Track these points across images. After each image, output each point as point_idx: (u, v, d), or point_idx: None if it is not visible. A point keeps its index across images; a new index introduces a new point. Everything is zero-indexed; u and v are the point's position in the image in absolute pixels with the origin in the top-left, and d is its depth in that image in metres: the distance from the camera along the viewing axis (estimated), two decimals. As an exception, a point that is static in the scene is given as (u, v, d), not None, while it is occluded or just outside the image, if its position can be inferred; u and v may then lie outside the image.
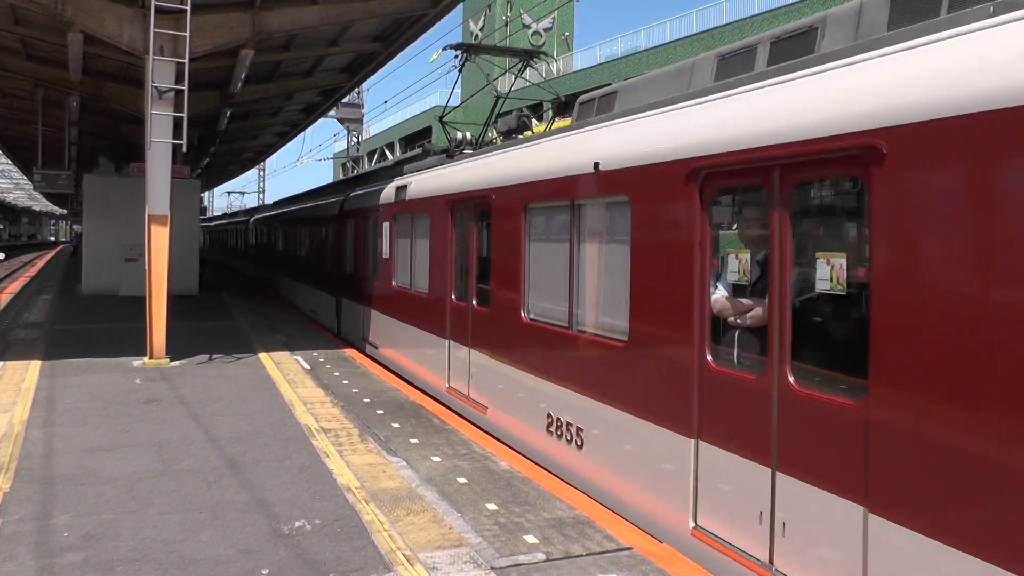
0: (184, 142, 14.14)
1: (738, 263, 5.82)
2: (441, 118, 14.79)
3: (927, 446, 4.24)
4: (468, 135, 14.07)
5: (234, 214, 60.08)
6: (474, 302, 10.53)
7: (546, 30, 60.46)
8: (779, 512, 5.21)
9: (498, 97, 15.21)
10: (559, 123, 14.39)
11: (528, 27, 59.14)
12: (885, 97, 4.58)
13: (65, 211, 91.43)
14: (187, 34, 13.57)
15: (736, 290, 5.97)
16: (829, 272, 4.92)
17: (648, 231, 6.71)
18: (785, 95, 5.47)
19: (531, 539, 6.14)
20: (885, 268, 4.51)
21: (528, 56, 15.75)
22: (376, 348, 15.60)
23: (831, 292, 4.93)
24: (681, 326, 6.16)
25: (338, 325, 19.28)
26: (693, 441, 6.02)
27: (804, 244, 5.40)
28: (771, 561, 5.27)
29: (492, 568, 5.57)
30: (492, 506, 6.89)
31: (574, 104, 9.60)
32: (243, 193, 62.29)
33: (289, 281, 27.02)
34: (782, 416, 5.22)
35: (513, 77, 14.88)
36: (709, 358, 5.93)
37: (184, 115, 13.83)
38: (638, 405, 6.75)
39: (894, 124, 4.45)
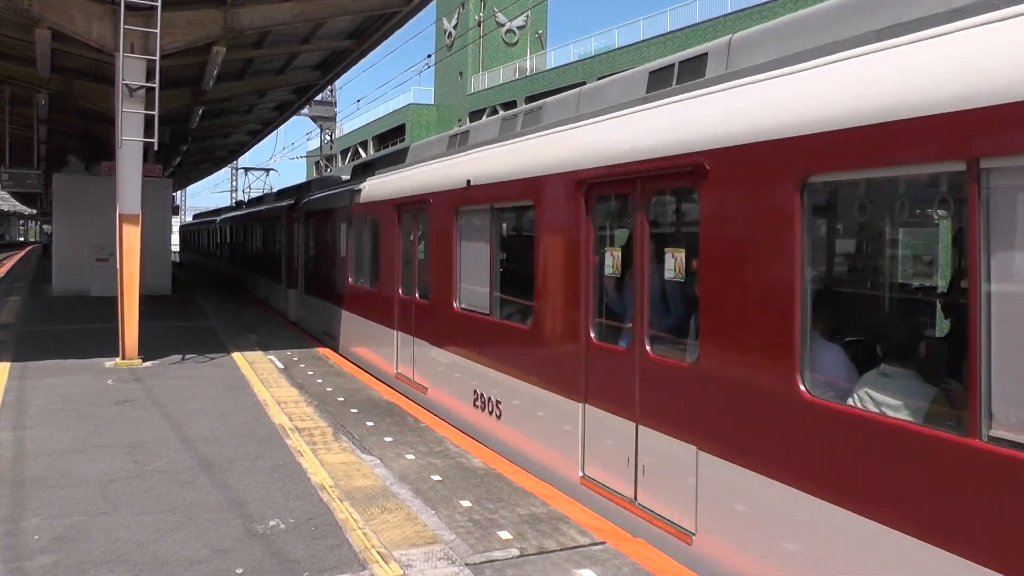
0: (155, 140, 14.06)
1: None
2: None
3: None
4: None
5: (203, 214, 58.30)
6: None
7: (520, 28, 60.53)
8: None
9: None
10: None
11: (502, 25, 59.16)
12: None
13: (34, 211, 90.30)
14: (157, 31, 13.49)
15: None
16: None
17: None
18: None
19: (505, 535, 6.17)
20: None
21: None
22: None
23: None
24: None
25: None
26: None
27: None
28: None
29: (466, 565, 5.60)
30: (466, 503, 6.92)
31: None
32: (268, 170, 50.26)
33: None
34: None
35: (486, 76, 16.42)
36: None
37: (155, 113, 13.75)
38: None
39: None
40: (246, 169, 48.21)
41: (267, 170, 48.65)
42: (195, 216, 64.16)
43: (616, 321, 7.12)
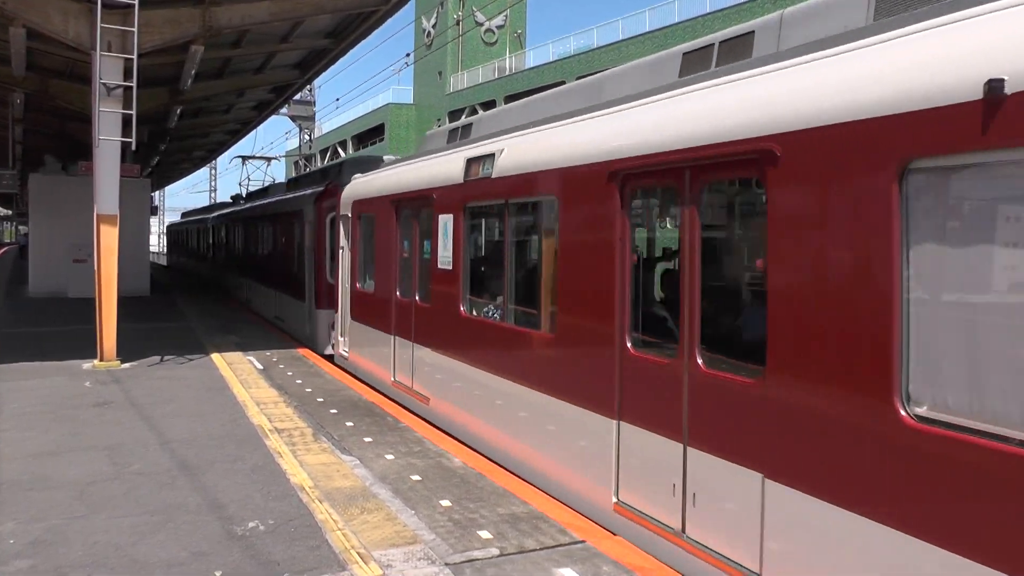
0: (133, 140, 13.94)
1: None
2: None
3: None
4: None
5: (196, 211, 51.75)
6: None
7: (499, 27, 60.54)
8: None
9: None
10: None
11: (480, 24, 59.15)
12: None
13: (10, 211, 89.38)
14: (135, 29, 13.40)
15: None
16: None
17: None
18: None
19: (485, 535, 6.18)
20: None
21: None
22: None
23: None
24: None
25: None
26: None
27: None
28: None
29: (446, 564, 5.61)
30: (446, 503, 6.93)
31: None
32: (270, 159, 39.87)
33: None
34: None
35: (465, 75, 16.50)
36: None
37: (133, 112, 13.65)
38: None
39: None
40: (244, 158, 39.16)
41: (269, 159, 39.78)
42: (184, 215, 59.44)
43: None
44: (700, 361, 5.62)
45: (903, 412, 4.10)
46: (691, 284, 5.74)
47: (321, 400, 11.28)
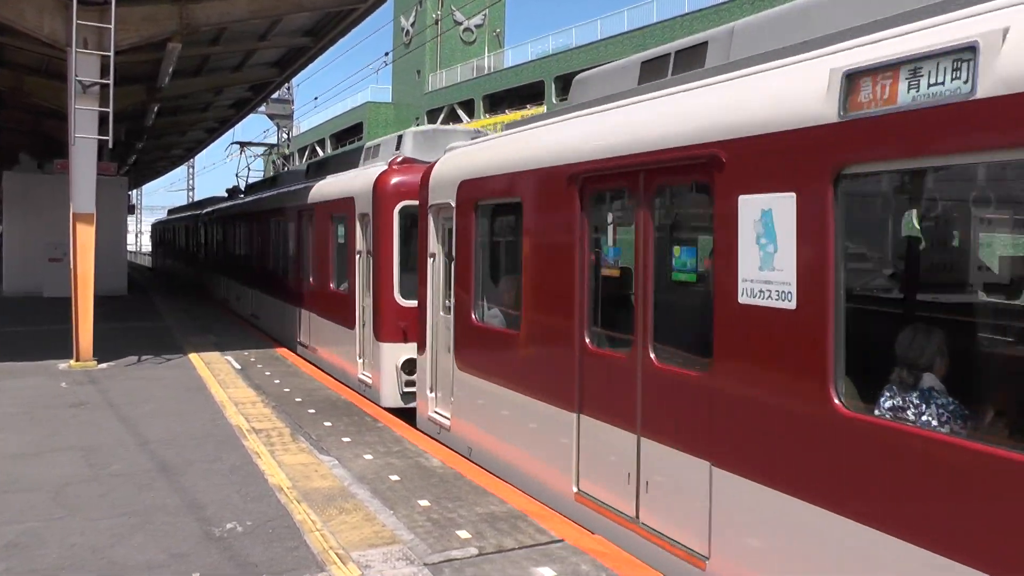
0: (110, 138, 13.84)
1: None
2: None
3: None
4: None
5: (188, 207, 45.05)
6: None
7: (477, 27, 60.53)
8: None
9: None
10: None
11: (459, 24, 59.14)
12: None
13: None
14: (111, 26, 13.29)
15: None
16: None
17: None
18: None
19: (464, 534, 6.21)
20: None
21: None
22: None
23: None
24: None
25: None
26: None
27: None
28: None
29: (425, 564, 5.63)
30: (424, 503, 6.95)
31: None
32: (273, 146, 35.47)
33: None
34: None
35: (443, 74, 16.26)
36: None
37: (109, 110, 13.55)
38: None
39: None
40: (242, 144, 32.68)
41: (272, 145, 34.27)
42: (171, 211, 53.78)
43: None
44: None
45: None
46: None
47: (299, 400, 11.26)
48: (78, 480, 7.50)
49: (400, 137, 12.72)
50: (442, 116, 56.76)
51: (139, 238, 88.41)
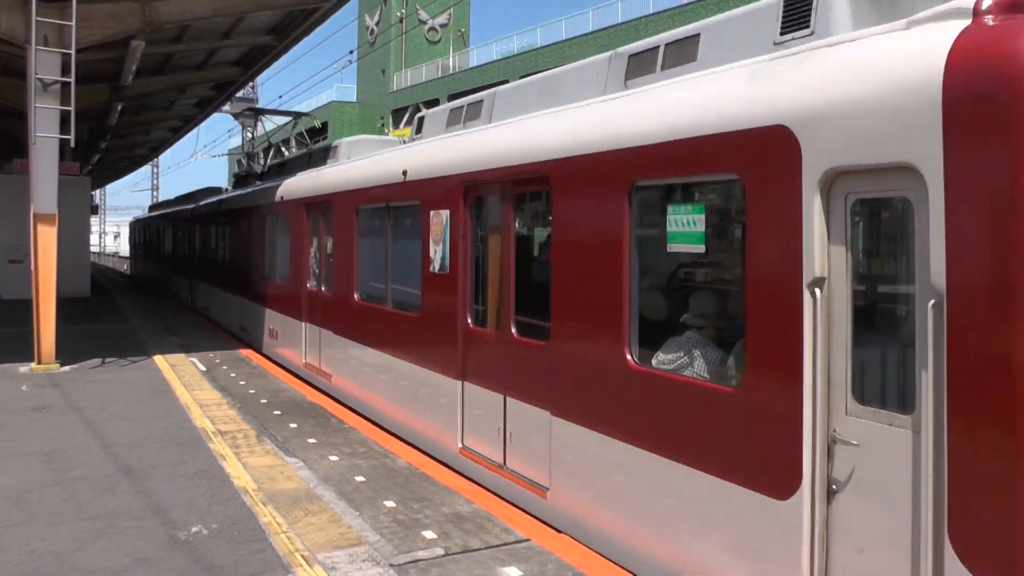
0: (72, 137, 13.66)
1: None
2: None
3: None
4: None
5: (176, 200, 35.27)
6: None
7: (442, 26, 60.44)
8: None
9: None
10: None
11: (424, 23, 59.01)
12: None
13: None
14: (73, 24, 13.12)
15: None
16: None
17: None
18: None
19: (430, 535, 6.23)
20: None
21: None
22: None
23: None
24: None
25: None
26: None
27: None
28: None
29: (391, 565, 5.64)
30: (390, 503, 6.96)
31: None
32: (300, 114, 22.21)
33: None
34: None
35: (408, 74, 16.03)
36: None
37: (71, 109, 13.38)
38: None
39: None
40: (258, 112, 24.65)
41: (298, 114, 22.88)
42: (153, 207, 45.45)
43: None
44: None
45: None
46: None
47: (265, 401, 11.22)
48: (40, 485, 7.42)
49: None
50: (407, 115, 56.61)
51: (103, 239, 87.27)
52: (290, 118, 23.43)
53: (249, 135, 42.67)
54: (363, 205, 11.02)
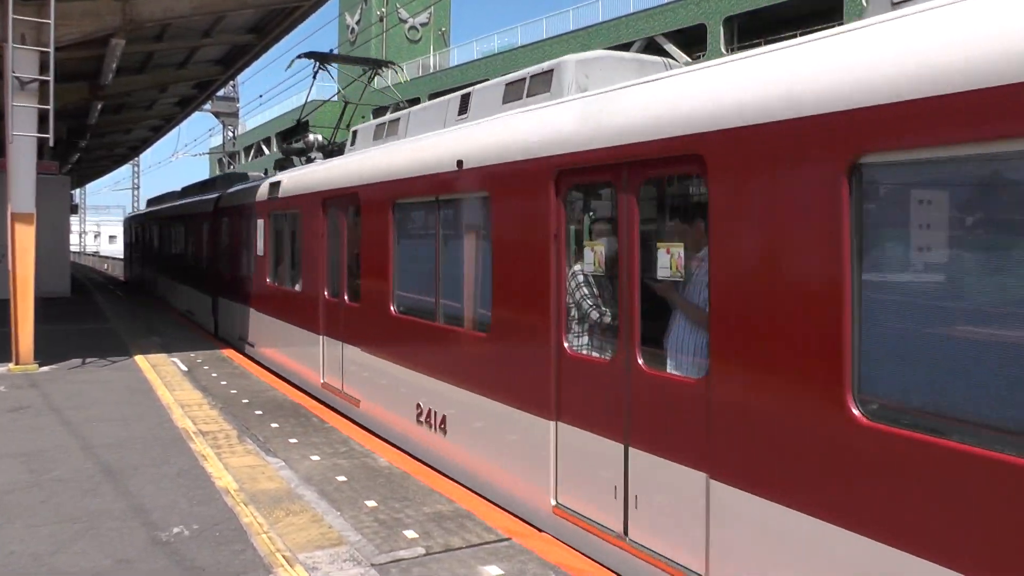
0: (51, 136, 13.57)
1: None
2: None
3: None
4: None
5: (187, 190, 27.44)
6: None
7: (423, 25, 60.34)
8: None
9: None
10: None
11: (404, 22, 58.88)
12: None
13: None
14: (51, 22, 13.02)
15: None
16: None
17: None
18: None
19: (411, 534, 6.25)
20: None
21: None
22: None
23: None
24: None
25: None
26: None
27: None
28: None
29: (372, 565, 5.65)
30: (372, 503, 6.97)
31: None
32: (384, 64, 16.94)
33: None
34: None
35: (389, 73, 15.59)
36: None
37: (50, 107, 13.29)
38: None
39: None
40: (320, 57, 15.86)
41: (377, 63, 18.13)
42: (151, 202, 36.40)
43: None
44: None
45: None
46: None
47: (246, 401, 11.19)
48: (17, 487, 7.38)
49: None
50: (388, 113, 56.45)
51: (83, 238, 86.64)
52: (366, 67, 18.46)
53: (231, 134, 42.47)
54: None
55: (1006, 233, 3.75)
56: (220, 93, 34.86)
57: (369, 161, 10.29)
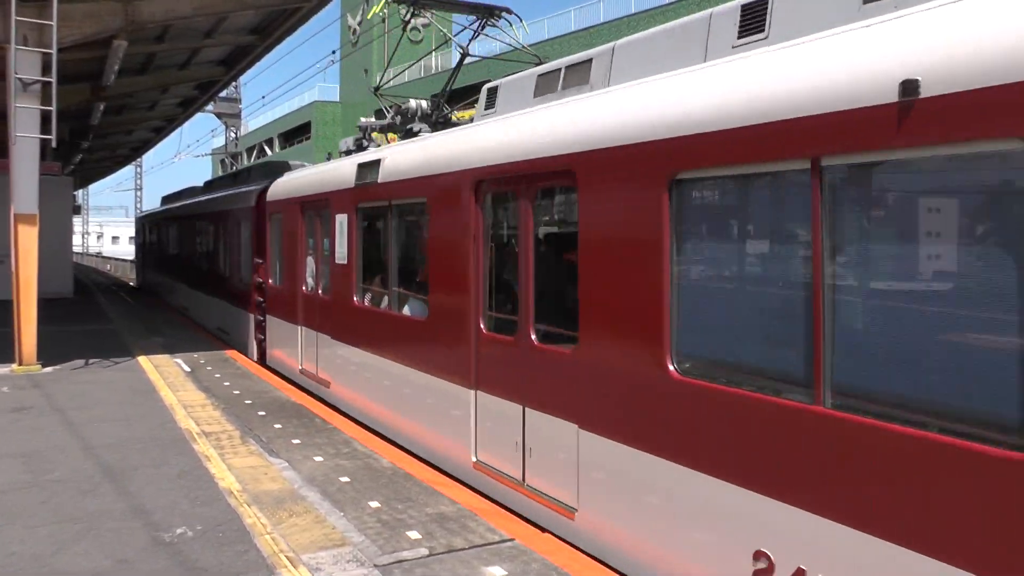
0: (53, 137, 13.56)
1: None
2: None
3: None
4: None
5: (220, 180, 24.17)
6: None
7: (424, 26, 60.35)
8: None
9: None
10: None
11: (406, 23, 58.86)
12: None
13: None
14: (53, 23, 13.02)
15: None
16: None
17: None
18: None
19: (414, 535, 6.22)
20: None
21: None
22: None
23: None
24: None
25: None
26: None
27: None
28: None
29: (375, 566, 5.63)
30: (375, 504, 6.94)
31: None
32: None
33: None
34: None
35: (391, 74, 15.09)
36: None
37: (53, 109, 13.28)
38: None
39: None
40: (412, 4, 15.25)
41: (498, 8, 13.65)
42: (167, 199, 32.46)
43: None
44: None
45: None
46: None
47: (249, 402, 11.16)
48: (18, 487, 7.36)
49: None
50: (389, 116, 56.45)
51: (86, 239, 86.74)
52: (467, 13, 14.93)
53: (233, 135, 42.47)
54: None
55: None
56: (222, 94, 34.86)
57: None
